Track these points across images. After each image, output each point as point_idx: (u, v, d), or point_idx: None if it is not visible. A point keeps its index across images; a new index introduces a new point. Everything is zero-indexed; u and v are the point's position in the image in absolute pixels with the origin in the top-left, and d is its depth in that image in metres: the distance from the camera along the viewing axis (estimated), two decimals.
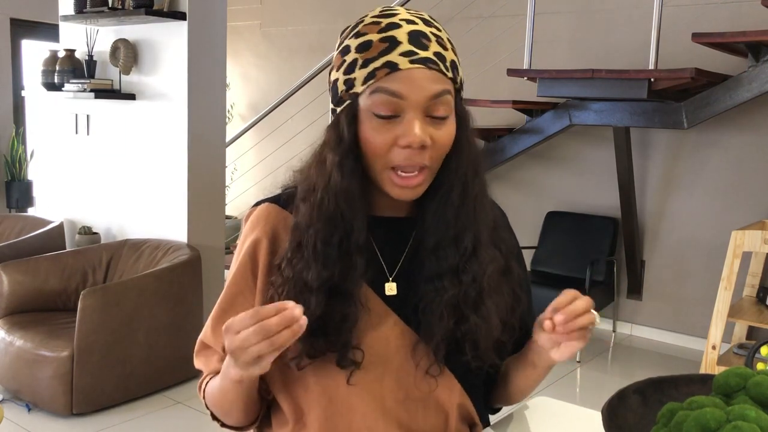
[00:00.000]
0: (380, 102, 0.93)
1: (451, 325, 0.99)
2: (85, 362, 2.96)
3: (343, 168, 0.96)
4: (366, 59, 0.94)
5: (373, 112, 0.94)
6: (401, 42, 0.93)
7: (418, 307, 1.01)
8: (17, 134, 5.68)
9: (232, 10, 4.86)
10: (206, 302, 3.50)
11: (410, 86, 0.92)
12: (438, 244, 1.00)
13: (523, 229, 4.77)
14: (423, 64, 0.93)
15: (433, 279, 1.00)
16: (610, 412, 0.89)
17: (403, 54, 0.93)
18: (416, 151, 0.93)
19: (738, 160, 4.16)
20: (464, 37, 4.69)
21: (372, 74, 0.93)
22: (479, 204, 1.02)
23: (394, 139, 0.94)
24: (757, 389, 0.83)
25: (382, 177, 0.97)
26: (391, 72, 0.92)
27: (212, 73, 3.63)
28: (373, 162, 0.96)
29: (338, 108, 0.98)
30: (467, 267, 1.00)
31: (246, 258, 1.06)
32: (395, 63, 0.92)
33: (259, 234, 1.05)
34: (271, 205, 1.08)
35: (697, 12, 4.15)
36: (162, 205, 3.69)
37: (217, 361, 1.08)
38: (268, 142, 5.86)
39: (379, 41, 0.94)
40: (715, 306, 3.26)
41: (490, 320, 1.00)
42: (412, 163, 0.94)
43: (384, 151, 0.94)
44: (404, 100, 0.92)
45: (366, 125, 0.95)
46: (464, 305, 0.99)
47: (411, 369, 1.02)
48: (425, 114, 0.94)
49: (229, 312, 1.06)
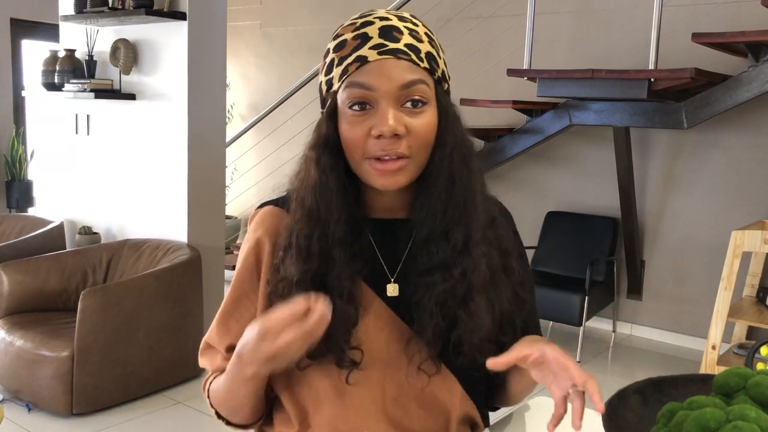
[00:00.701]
0: (352, 95, 0.95)
1: (441, 320, 0.99)
2: (85, 362, 2.96)
3: (319, 163, 0.99)
4: (341, 57, 0.97)
5: (347, 106, 0.96)
6: (372, 37, 0.95)
7: (411, 302, 1.02)
8: (17, 134, 5.68)
9: (232, 10, 4.86)
10: (206, 302, 3.50)
11: (380, 77, 0.94)
12: (429, 237, 1.00)
13: (523, 229, 4.70)
14: (392, 54, 0.94)
15: (423, 274, 1.00)
16: (610, 412, 0.89)
17: (373, 47, 0.95)
18: (391, 141, 0.94)
19: (738, 160, 4.16)
20: (464, 37, 4.69)
21: (345, 70, 0.96)
22: (470, 197, 1.00)
23: (368, 130, 0.95)
24: (757, 389, 0.83)
25: (363, 169, 0.97)
26: (361, 65, 0.94)
27: (212, 73, 3.63)
28: (352, 155, 0.97)
29: (322, 109, 1.02)
30: (457, 262, 0.99)
31: (249, 260, 1.07)
32: (365, 56, 0.94)
33: (261, 236, 1.07)
34: (274, 207, 1.09)
35: (697, 12, 4.15)
36: (162, 205, 3.69)
37: (221, 359, 1.08)
38: (268, 142, 5.86)
39: (352, 39, 0.96)
40: (715, 306, 3.26)
41: (479, 317, 0.99)
42: (388, 153, 0.95)
43: (360, 142, 0.96)
44: (374, 91, 0.94)
45: (343, 120, 0.97)
46: (451, 301, 0.99)
47: (409, 368, 1.02)
48: (399, 104, 0.95)
49: (233, 315, 1.07)
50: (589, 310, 4.04)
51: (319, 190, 0.99)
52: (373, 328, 1.02)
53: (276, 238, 1.05)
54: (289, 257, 1.00)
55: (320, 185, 0.99)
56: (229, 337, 1.07)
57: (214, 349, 1.10)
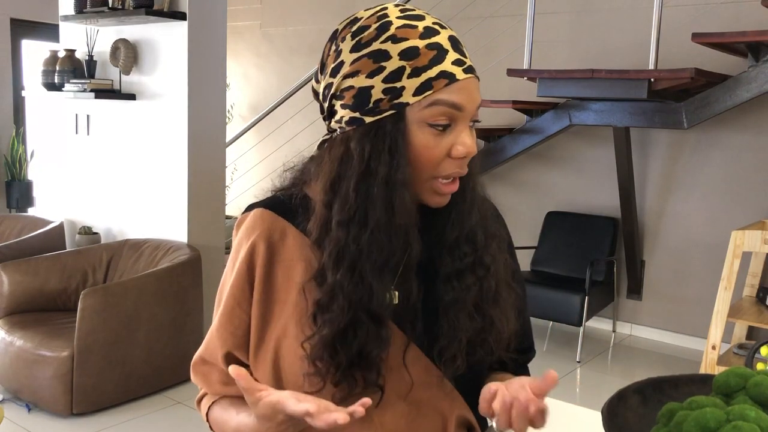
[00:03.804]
0: (439, 114, 0.92)
1: (478, 321, 0.99)
2: (85, 362, 2.96)
3: (404, 182, 0.92)
4: (416, 68, 0.90)
5: (428, 123, 0.92)
6: (448, 50, 0.92)
7: (418, 313, 0.99)
8: (17, 134, 5.68)
9: (232, 10, 4.87)
10: (206, 302, 3.50)
11: (467, 97, 0.93)
12: (457, 239, 1.00)
13: (523, 229, 4.78)
14: (473, 73, 0.94)
15: (451, 277, 1.00)
16: (610, 412, 0.89)
17: (455, 63, 0.92)
18: (464, 161, 0.95)
19: (738, 160, 4.16)
20: (464, 37, 4.65)
21: (428, 84, 0.90)
22: (482, 200, 1.04)
23: (448, 150, 0.94)
24: (757, 389, 0.83)
25: (426, 186, 0.96)
26: (449, 83, 0.91)
27: (212, 73, 3.63)
28: (422, 172, 0.94)
29: (369, 117, 0.92)
30: (483, 261, 1.01)
31: (243, 267, 1.02)
32: (453, 74, 0.91)
33: (255, 241, 1.02)
34: (266, 211, 1.04)
35: (697, 12, 4.15)
36: (162, 205, 3.69)
37: (217, 381, 1.06)
38: (268, 142, 5.87)
39: (425, 48, 0.91)
40: (715, 306, 3.26)
41: (509, 313, 1.02)
42: (460, 173, 0.96)
43: (438, 161, 0.94)
44: (462, 111, 0.93)
45: (419, 136, 0.92)
46: (486, 301, 1.01)
47: (409, 379, 1.00)
48: (469, 122, 0.95)
49: (227, 326, 1.03)
50: (589, 310, 4.04)
51: (403, 209, 0.92)
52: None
53: (271, 245, 1.01)
54: (325, 315, 0.94)
55: (404, 204, 0.92)
56: (225, 348, 1.04)
57: (208, 366, 1.07)
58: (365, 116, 0.92)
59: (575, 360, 4.10)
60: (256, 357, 1.02)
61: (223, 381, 1.05)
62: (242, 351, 1.03)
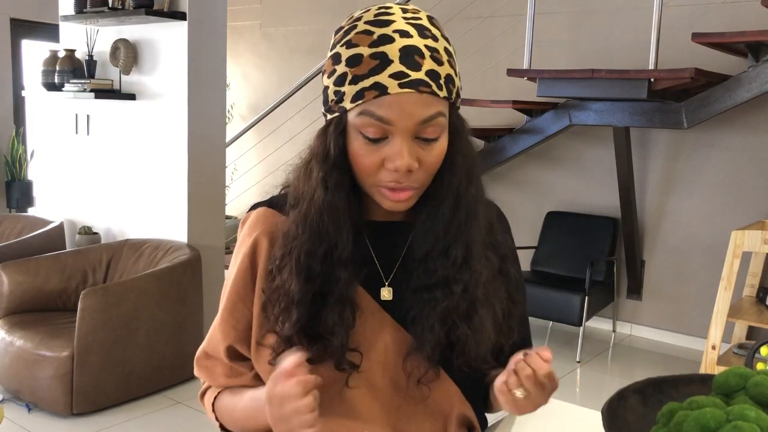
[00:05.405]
0: (368, 124, 0.90)
1: (442, 335, 0.98)
2: (85, 362, 2.96)
3: (327, 182, 0.95)
4: (355, 75, 0.90)
5: (359, 131, 0.92)
6: (392, 60, 0.88)
7: (408, 315, 1.01)
8: (17, 134, 5.68)
9: (232, 10, 4.86)
10: (206, 302, 3.50)
11: (399, 112, 0.89)
12: (426, 255, 0.99)
13: (523, 229, 4.78)
14: (413, 87, 0.88)
15: (421, 290, 0.99)
16: (610, 412, 0.89)
17: (393, 76, 0.88)
18: (403, 174, 0.92)
19: (738, 160, 4.16)
20: (464, 37, 4.69)
21: (360, 94, 0.90)
22: (471, 213, 0.99)
23: (382, 161, 0.92)
24: (757, 389, 0.84)
25: (372, 191, 0.96)
26: (379, 95, 0.89)
27: (212, 73, 3.63)
28: (362, 178, 0.95)
29: (328, 115, 0.96)
30: (458, 277, 0.98)
31: (245, 263, 1.05)
32: (384, 86, 0.88)
33: (257, 238, 1.05)
34: (268, 209, 1.07)
35: (697, 12, 4.15)
36: (162, 205, 3.69)
37: (221, 374, 1.08)
38: (268, 142, 5.87)
39: (369, 57, 0.89)
40: (715, 306, 3.26)
41: (483, 330, 0.99)
42: (400, 186, 0.93)
43: (373, 170, 0.93)
44: (392, 126, 0.90)
45: (354, 143, 0.93)
46: (456, 316, 0.98)
47: (405, 375, 1.01)
48: (414, 136, 0.91)
49: (229, 320, 1.06)
50: (589, 310, 4.04)
51: (327, 209, 0.95)
52: (369, 330, 1.01)
53: (273, 241, 1.03)
54: (288, 271, 0.98)
55: (328, 205, 0.95)
56: (227, 342, 1.06)
57: (212, 360, 1.09)
58: (325, 114, 0.97)
59: (575, 360, 4.10)
60: (258, 350, 1.04)
61: (226, 374, 1.08)
62: (244, 345, 1.06)
